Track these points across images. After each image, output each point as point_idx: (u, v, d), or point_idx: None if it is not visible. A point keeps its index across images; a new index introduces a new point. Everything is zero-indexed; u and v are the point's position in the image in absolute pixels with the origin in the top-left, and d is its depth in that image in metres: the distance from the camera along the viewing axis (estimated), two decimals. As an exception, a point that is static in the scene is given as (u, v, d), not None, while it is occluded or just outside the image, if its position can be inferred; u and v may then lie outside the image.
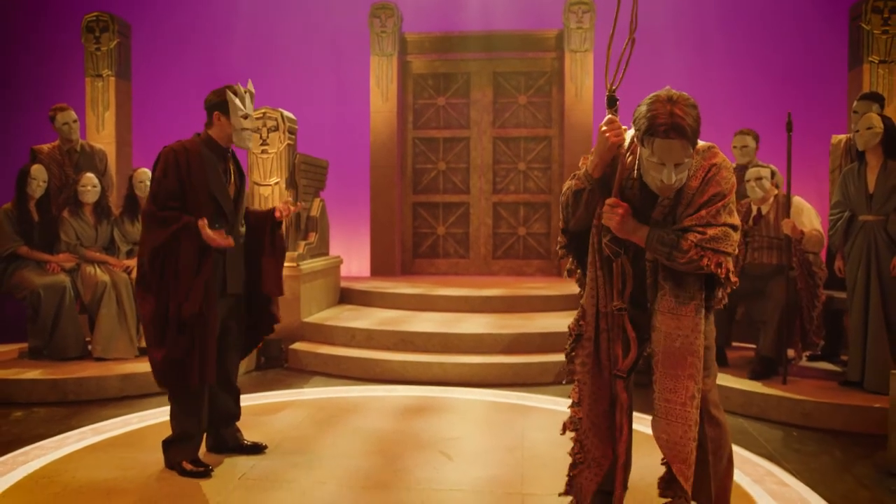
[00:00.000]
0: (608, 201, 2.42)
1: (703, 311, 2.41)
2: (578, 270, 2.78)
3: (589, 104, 8.02)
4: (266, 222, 3.63)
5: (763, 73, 7.93)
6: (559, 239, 2.75)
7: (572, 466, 2.63)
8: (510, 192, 8.56)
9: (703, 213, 2.33)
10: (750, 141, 5.33)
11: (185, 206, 3.27)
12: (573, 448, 2.63)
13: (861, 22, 6.49)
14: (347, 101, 8.72)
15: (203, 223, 3.20)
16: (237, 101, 3.35)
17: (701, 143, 2.39)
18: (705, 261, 2.31)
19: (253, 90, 3.48)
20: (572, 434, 2.63)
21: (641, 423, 3.36)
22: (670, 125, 2.21)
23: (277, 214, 3.60)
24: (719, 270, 2.33)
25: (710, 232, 2.31)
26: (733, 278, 2.39)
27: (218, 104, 3.37)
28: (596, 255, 2.52)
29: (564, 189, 2.65)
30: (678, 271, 2.37)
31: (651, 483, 3.03)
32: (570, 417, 2.62)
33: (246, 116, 3.39)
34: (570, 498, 2.90)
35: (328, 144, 8.09)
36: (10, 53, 8.93)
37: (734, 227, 2.36)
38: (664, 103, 2.23)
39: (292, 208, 3.70)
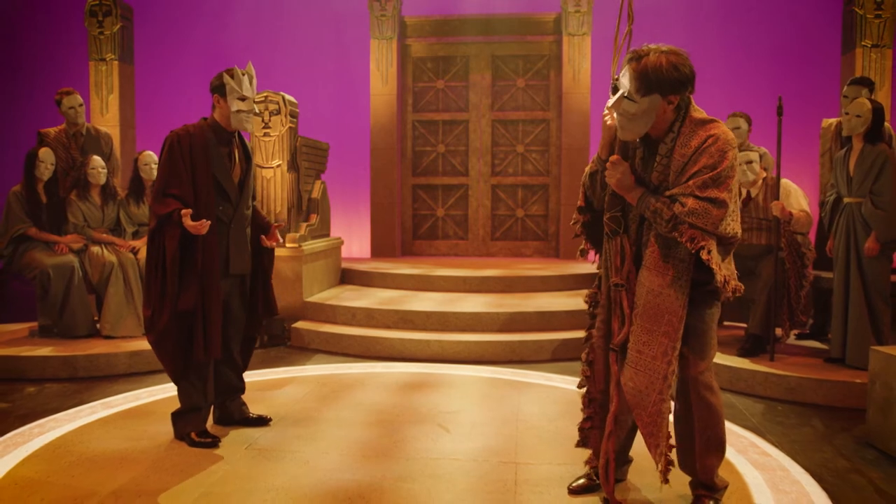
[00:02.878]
0: (611, 158, 2.54)
1: (689, 275, 2.46)
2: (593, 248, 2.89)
3: (586, 87, 8.12)
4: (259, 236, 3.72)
5: (757, 56, 8.02)
6: (574, 216, 2.85)
7: (583, 420, 2.90)
8: (508, 174, 8.68)
9: (689, 182, 2.38)
10: (742, 123, 5.42)
11: (188, 190, 3.38)
12: (583, 401, 2.88)
13: (854, 6, 6.57)
14: (348, 85, 8.81)
15: (185, 213, 3.28)
16: (233, 84, 3.44)
17: (706, 115, 2.49)
18: (676, 234, 2.40)
19: (252, 72, 3.54)
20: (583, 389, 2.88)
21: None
22: (636, 55, 2.43)
23: (267, 243, 3.69)
24: (691, 245, 2.38)
25: (690, 204, 2.36)
26: (704, 256, 2.38)
27: (217, 87, 3.47)
28: (607, 230, 2.68)
29: (585, 171, 2.79)
30: None
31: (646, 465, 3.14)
32: (583, 372, 2.87)
33: (243, 98, 3.45)
34: (566, 465, 3.15)
35: (329, 127, 8.20)
36: (15, 38, 9.02)
37: (717, 203, 2.35)
38: (658, 47, 2.44)
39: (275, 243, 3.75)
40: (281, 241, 3.74)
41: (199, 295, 3.33)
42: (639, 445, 2.94)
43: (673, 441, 2.64)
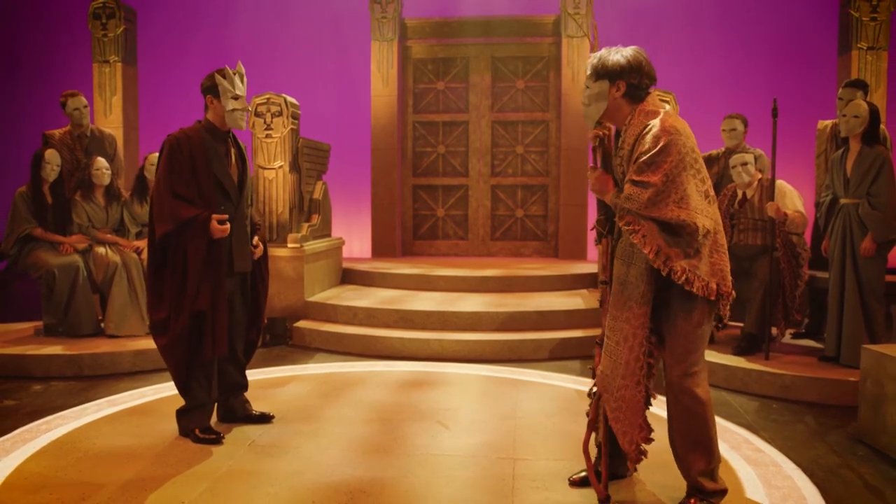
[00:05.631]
0: (589, 166, 2.80)
1: (653, 267, 2.52)
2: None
3: (585, 88, 8.17)
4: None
5: (754, 58, 8.09)
6: (596, 224, 2.98)
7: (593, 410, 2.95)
8: (508, 174, 8.74)
9: (630, 170, 2.54)
10: (738, 124, 5.48)
11: (193, 191, 3.45)
12: (589, 393, 2.95)
13: (850, 9, 6.64)
14: (349, 86, 8.89)
15: (216, 217, 3.40)
16: (225, 83, 3.51)
17: (657, 108, 2.60)
18: (618, 220, 2.57)
19: (243, 71, 3.62)
20: None
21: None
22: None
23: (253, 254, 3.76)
24: (627, 229, 2.52)
25: (626, 190, 2.52)
26: (636, 240, 2.48)
27: (209, 88, 3.54)
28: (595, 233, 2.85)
29: None
30: None
31: (654, 461, 3.02)
32: (592, 368, 2.94)
33: (236, 97, 3.53)
34: (563, 460, 3.25)
35: (330, 128, 8.26)
36: (18, 40, 9.10)
37: (645, 185, 2.45)
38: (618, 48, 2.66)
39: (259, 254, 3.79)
40: (262, 250, 3.80)
41: (211, 293, 3.41)
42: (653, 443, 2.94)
43: (653, 435, 2.71)
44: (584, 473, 2.98)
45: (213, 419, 3.70)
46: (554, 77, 8.59)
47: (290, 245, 6.27)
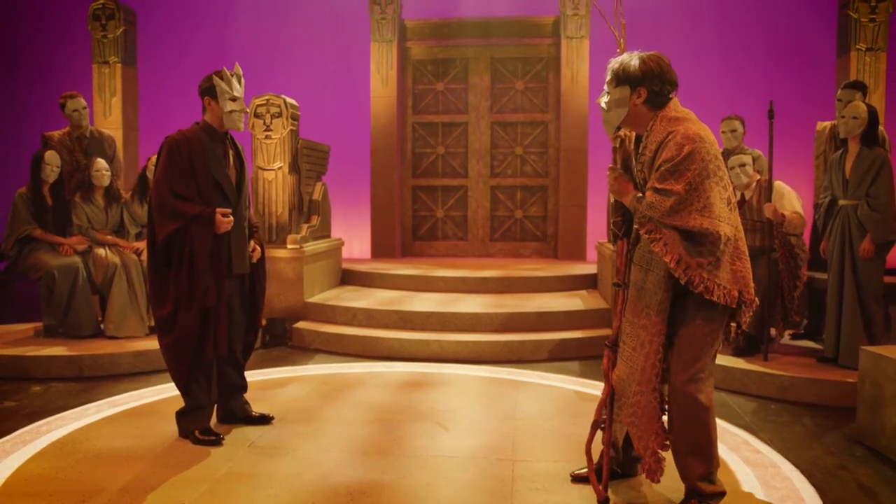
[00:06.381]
0: (608, 166, 2.76)
1: (669, 272, 2.51)
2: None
3: (584, 89, 8.20)
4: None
5: (753, 58, 8.11)
6: (612, 225, 2.99)
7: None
8: (507, 175, 8.75)
9: (652, 178, 2.52)
10: (738, 125, 5.48)
11: (193, 192, 3.46)
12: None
13: (849, 10, 6.65)
14: (348, 87, 8.91)
15: (221, 211, 3.43)
16: (223, 85, 3.53)
17: (680, 115, 2.57)
18: (638, 227, 2.56)
19: (240, 72, 3.63)
20: None
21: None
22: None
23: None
24: (649, 237, 2.51)
25: (648, 197, 2.51)
26: (657, 248, 2.48)
27: (207, 89, 3.55)
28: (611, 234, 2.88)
29: None
30: None
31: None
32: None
33: (234, 99, 3.55)
34: (562, 462, 3.26)
35: (330, 129, 8.28)
36: (18, 41, 9.10)
37: (668, 193, 2.44)
38: (639, 53, 2.64)
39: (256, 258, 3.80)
40: (259, 252, 3.80)
41: (216, 290, 3.43)
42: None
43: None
44: (584, 470, 2.99)
45: (213, 420, 3.71)
46: (553, 78, 8.59)
47: (289, 246, 6.28)
